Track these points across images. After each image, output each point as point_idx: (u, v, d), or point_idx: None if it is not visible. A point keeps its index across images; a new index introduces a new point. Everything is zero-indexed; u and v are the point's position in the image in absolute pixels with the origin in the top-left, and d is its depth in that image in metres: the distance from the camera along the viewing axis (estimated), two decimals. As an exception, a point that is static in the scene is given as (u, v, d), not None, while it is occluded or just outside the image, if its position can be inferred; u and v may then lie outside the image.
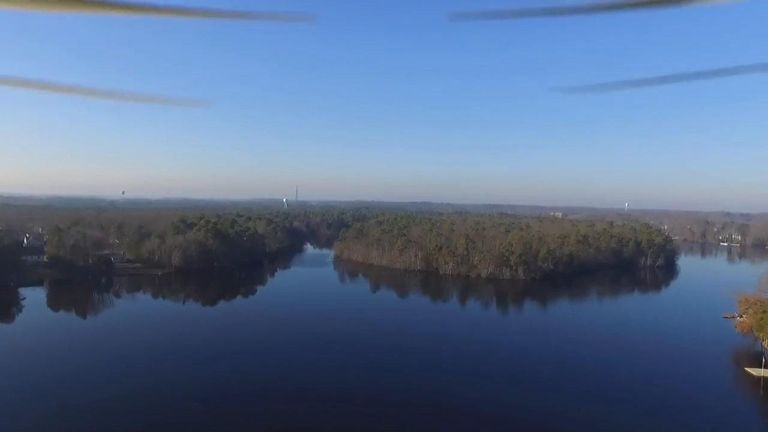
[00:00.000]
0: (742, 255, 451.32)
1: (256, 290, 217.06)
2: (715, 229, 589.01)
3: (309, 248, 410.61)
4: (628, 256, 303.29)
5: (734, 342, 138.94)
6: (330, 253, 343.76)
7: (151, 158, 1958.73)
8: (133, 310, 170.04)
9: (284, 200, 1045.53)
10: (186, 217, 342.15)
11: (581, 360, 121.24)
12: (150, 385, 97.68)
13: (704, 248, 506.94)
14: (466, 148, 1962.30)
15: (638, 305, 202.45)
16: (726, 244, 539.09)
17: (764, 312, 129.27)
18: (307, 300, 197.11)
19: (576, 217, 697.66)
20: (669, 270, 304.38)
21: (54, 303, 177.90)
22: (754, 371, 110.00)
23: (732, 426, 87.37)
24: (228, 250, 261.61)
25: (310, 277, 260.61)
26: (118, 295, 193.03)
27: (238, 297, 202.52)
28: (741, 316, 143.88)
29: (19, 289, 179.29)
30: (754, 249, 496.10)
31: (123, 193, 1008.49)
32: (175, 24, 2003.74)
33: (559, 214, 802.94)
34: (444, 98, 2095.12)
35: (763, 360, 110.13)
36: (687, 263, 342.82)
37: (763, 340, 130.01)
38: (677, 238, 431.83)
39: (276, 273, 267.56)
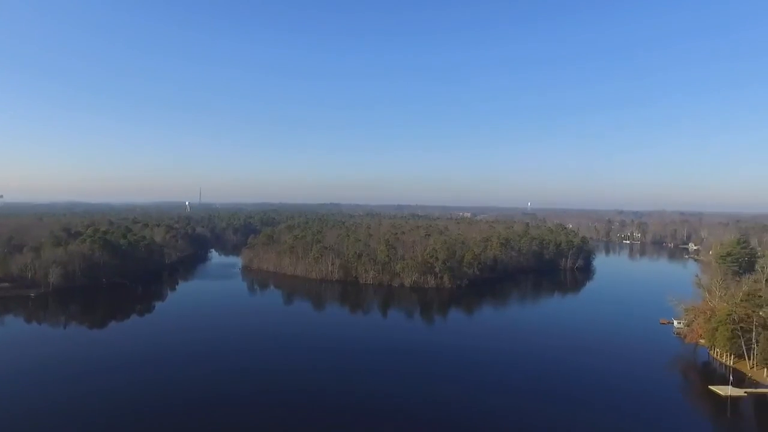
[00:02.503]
0: (642, 252, 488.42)
1: (153, 308, 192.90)
2: (614, 227, 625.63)
3: (214, 256, 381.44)
4: (549, 258, 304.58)
5: (677, 350, 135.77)
6: (238, 262, 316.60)
7: (37, 157, 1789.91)
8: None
9: (187, 203, 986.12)
10: (71, 226, 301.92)
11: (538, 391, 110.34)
12: None
13: (608, 246, 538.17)
14: (373, 149, 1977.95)
15: (569, 311, 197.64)
16: (628, 242, 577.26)
17: (721, 323, 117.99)
18: (209, 318, 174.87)
19: (484, 216, 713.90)
20: (588, 271, 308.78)
21: None
22: (720, 389, 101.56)
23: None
24: (120, 263, 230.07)
25: (215, 290, 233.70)
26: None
27: (133, 317, 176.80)
28: (689, 325, 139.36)
29: None
30: (653, 246, 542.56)
31: (1, 196, 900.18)
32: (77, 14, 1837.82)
33: (468, 214, 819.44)
34: (345, 99, 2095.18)
35: (731, 377, 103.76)
36: (601, 263, 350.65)
37: (720, 355, 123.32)
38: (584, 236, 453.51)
39: (177, 287, 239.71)
